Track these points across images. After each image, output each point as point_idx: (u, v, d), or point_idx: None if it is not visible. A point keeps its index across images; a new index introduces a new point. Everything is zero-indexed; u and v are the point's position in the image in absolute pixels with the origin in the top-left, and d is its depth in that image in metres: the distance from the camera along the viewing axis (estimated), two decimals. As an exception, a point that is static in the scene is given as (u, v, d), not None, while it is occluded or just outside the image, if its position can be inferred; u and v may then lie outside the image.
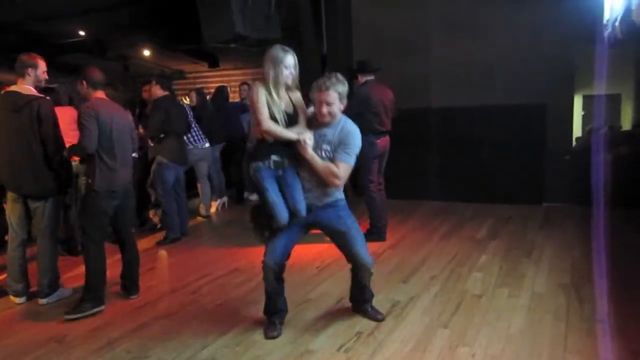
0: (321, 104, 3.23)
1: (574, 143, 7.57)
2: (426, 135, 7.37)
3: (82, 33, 8.95)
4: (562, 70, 6.59)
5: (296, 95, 3.35)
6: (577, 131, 8.38)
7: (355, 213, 3.56)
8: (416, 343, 3.22)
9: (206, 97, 7.57)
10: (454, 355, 3.07)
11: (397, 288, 4.16)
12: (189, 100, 7.79)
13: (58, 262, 4.23)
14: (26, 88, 3.95)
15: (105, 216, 3.94)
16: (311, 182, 3.32)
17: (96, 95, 3.95)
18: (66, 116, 4.59)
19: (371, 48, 6.87)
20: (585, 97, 8.82)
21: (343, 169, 3.26)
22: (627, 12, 3.97)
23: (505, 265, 4.58)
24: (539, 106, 6.74)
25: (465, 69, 6.92)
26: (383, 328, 3.45)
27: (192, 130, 6.41)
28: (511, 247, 5.08)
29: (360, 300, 3.65)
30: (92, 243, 3.87)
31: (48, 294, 4.09)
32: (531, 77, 6.68)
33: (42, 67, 4.03)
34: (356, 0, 7.50)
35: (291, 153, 3.28)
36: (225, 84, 8.46)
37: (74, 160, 4.51)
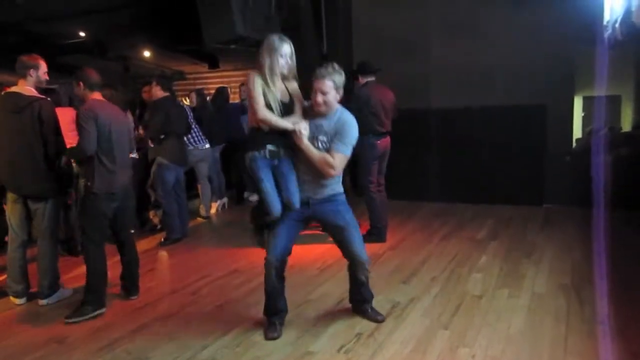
0: (316, 93, 3.22)
1: (574, 144, 7.58)
2: (426, 136, 7.37)
3: (83, 34, 8.95)
4: (562, 71, 6.60)
5: (293, 85, 3.33)
6: (577, 132, 8.38)
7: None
8: (416, 344, 3.22)
9: (206, 98, 7.58)
10: (454, 356, 3.07)
11: (398, 289, 4.16)
12: (189, 101, 7.79)
13: (58, 263, 4.22)
14: (27, 89, 3.95)
15: (104, 218, 3.93)
16: (309, 174, 3.31)
17: (93, 96, 3.92)
18: (66, 117, 4.57)
19: (371, 48, 6.88)
20: (585, 99, 8.83)
21: (339, 159, 3.24)
22: (627, 14, 3.97)
23: (505, 266, 4.58)
24: (539, 107, 6.74)
25: (465, 70, 6.92)
26: (383, 329, 3.45)
27: (192, 131, 6.41)
28: (511, 248, 5.08)
29: (359, 300, 3.65)
30: (92, 245, 3.87)
31: (48, 295, 4.09)
32: (531, 78, 6.68)
33: (43, 68, 4.03)
34: (356, 0, 7.51)
35: (287, 143, 3.27)
36: (225, 85, 8.46)
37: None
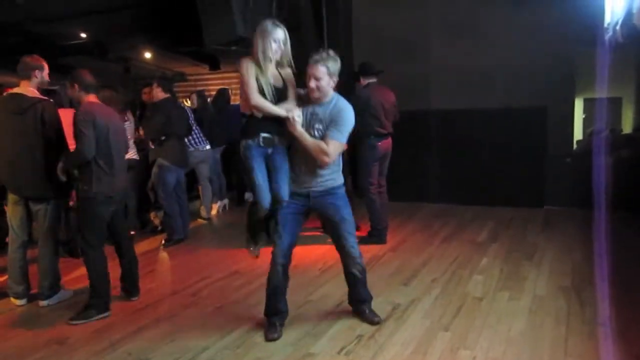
0: (310, 78, 3.21)
1: (575, 146, 7.58)
2: (426, 137, 7.37)
3: (83, 35, 8.94)
4: (563, 73, 6.60)
5: (286, 71, 3.31)
6: (578, 134, 8.39)
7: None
8: (417, 346, 3.22)
9: (207, 100, 7.58)
10: (455, 358, 3.07)
11: (398, 291, 4.16)
12: (190, 102, 7.79)
13: (59, 264, 4.22)
14: (30, 90, 3.94)
15: (103, 222, 3.88)
16: (305, 164, 3.30)
17: (89, 99, 3.85)
18: (67, 118, 4.55)
19: (372, 49, 6.88)
20: (586, 100, 8.83)
21: (333, 146, 3.22)
22: (628, 16, 3.97)
23: (506, 268, 4.58)
24: (540, 109, 6.74)
25: (465, 71, 6.92)
26: (384, 331, 3.45)
27: (193, 132, 6.41)
28: (512, 250, 5.08)
29: (357, 300, 3.64)
30: (92, 249, 3.82)
31: (49, 296, 4.09)
32: (532, 80, 6.68)
33: (46, 69, 4.04)
34: (357, 2, 7.51)
35: (281, 130, 3.26)
36: (226, 87, 8.46)
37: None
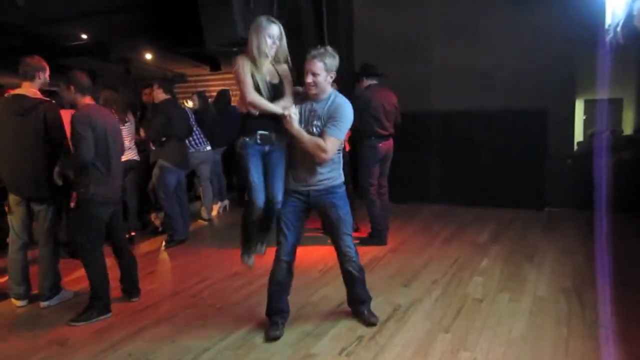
0: (307, 74, 3.21)
1: (576, 147, 7.57)
2: (427, 138, 7.37)
3: (84, 36, 8.96)
4: (564, 74, 6.59)
5: (283, 67, 3.30)
6: (579, 136, 8.38)
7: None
8: (417, 347, 3.22)
9: (208, 100, 7.57)
10: (456, 359, 3.07)
11: (399, 292, 4.16)
12: (192, 103, 7.80)
13: (59, 265, 4.22)
14: (33, 91, 3.93)
15: (101, 224, 3.85)
16: (304, 162, 3.30)
17: (85, 100, 3.80)
18: (68, 119, 4.58)
19: (372, 51, 6.88)
20: (586, 102, 8.83)
21: (330, 143, 3.21)
22: (629, 17, 3.96)
23: (506, 269, 4.58)
24: (541, 110, 6.74)
25: (466, 73, 6.93)
26: (384, 332, 3.44)
27: (194, 133, 6.41)
28: (513, 252, 5.08)
29: (356, 301, 3.64)
30: (90, 250, 3.80)
31: (49, 297, 4.09)
32: (532, 82, 6.68)
33: (47, 71, 4.04)
34: (358, 4, 7.52)
35: (278, 127, 3.26)
36: (227, 87, 8.46)
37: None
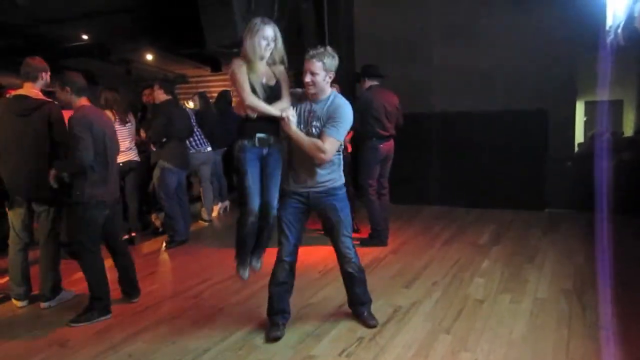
0: (305, 73, 3.20)
1: (576, 149, 7.57)
2: (427, 139, 7.38)
3: (85, 37, 8.95)
4: (564, 76, 6.60)
5: (279, 68, 3.30)
6: (579, 137, 8.37)
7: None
8: (418, 348, 3.22)
9: (209, 101, 7.57)
10: (456, 360, 3.07)
11: (399, 293, 4.16)
12: (193, 104, 7.80)
13: (60, 266, 4.21)
14: (35, 92, 3.93)
15: (97, 225, 3.83)
16: (304, 163, 3.29)
17: (81, 102, 3.73)
18: (69, 120, 4.58)
19: (373, 52, 6.88)
20: (587, 103, 8.82)
21: (329, 144, 3.19)
22: (630, 19, 3.97)
23: (507, 270, 4.58)
24: (541, 112, 6.75)
25: (466, 74, 6.94)
26: (385, 333, 3.44)
27: (195, 134, 6.42)
28: (513, 253, 5.08)
29: (356, 302, 3.64)
30: (88, 252, 3.79)
31: (50, 298, 4.09)
32: (533, 83, 6.69)
33: (49, 71, 4.04)
34: (358, 4, 7.52)
35: (277, 130, 3.26)
36: (228, 88, 8.46)
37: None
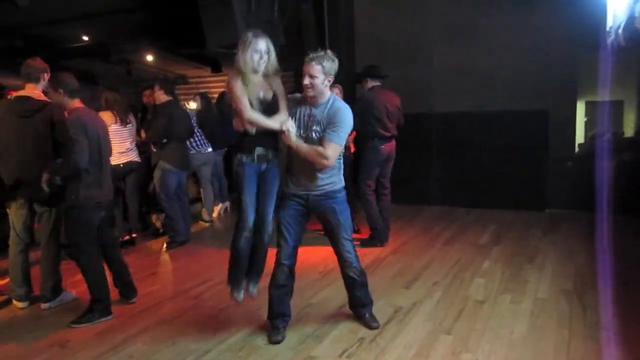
0: (304, 76, 3.19)
1: (577, 149, 7.57)
2: (428, 140, 7.38)
3: (86, 37, 8.96)
4: (565, 76, 6.60)
5: (276, 81, 3.30)
6: (580, 137, 8.37)
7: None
8: (419, 349, 3.22)
9: (211, 102, 7.56)
10: (457, 361, 3.07)
11: (400, 293, 4.16)
12: (195, 104, 7.80)
13: (61, 267, 4.21)
14: (37, 93, 3.93)
15: (93, 227, 3.82)
16: (304, 168, 3.29)
17: (75, 104, 3.69)
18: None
19: (374, 53, 6.88)
20: (587, 104, 8.81)
21: (331, 149, 3.18)
22: (630, 20, 3.96)
23: (508, 271, 4.58)
24: (542, 112, 6.75)
25: (466, 74, 6.94)
26: (386, 334, 3.44)
27: (195, 135, 6.42)
28: (514, 253, 5.08)
29: (357, 304, 3.63)
30: (85, 254, 3.78)
31: (50, 299, 4.09)
32: (534, 84, 6.69)
33: (49, 72, 4.04)
34: (358, 4, 7.52)
35: (275, 144, 3.27)
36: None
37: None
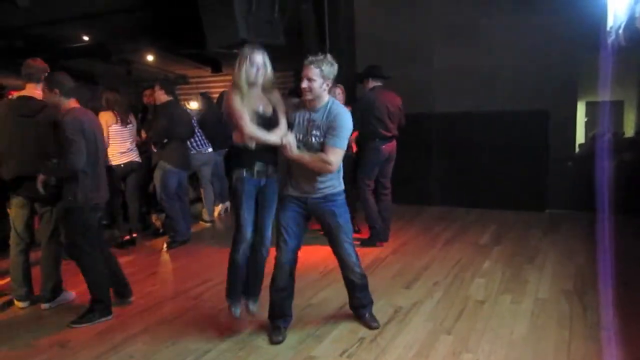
0: (303, 79, 3.20)
1: (577, 149, 7.57)
2: (428, 140, 7.38)
3: (86, 37, 8.96)
4: (565, 76, 6.59)
5: (274, 95, 3.31)
6: (580, 137, 8.38)
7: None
8: (419, 349, 3.22)
9: (212, 101, 7.56)
10: (457, 361, 3.07)
11: (400, 294, 4.16)
12: (196, 104, 7.80)
13: (61, 267, 4.20)
14: (38, 93, 3.91)
15: (94, 228, 3.83)
16: (304, 173, 3.29)
17: (71, 104, 3.65)
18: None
19: (373, 53, 6.88)
20: (588, 104, 8.83)
21: (333, 154, 3.18)
22: (631, 20, 3.96)
23: (508, 271, 4.57)
24: (542, 112, 6.74)
25: (467, 74, 6.94)
26: (386, 334, 3.44)
27: (196, 135, 6.42)
28: (514, 254, 5.08)
29: (357, 305, 3.64)
30: (85, 254, 3.76)
31: (51, 299, 4.09)
32: (534, 83, 6.68)
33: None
34: (359, 6, 7.52)
35: (275, 159, 3.30)
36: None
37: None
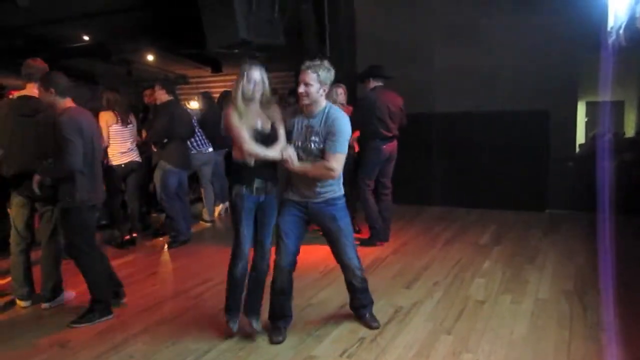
0: (300, 83, 3.21)
1: (577, 149, 7.57)
2: (428, 140, 7.38)
3: (86, 37, 8.97)
4: (566, 77, 6.59)
5: (272, 110, 3.31)
6: (581, 138, 8.38)
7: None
8: (419, 349, 3.22)
9: (213, 101, 7.56)
10: (458, 361, 3.07)
11: (400, 294, 4.16)
12: (197, 104, 7.80)
13: (61, 267, 4.20)
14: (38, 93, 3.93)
15: (92, 228, 3.80)
16: (304, 178, 3.29)
17: (67, 104, 3.61)
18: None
19: (374, 53, 6.88)
20: (588, 104, 8.83)
21: (336, 160, 3.20)
22: (632, 20, 3.96)
23: (508, 271, 4.58)
24: (542, 112, 6.75)
25: (467, 74, 6.94)
26: (386, 334, 3.44)
27: (196, 135, 6.42)
28: (514, 254, 5.08)
29: (358, 305, 3.64)
30: (85, 255, 3.76)
31: (51, 299, 4.08)
32: (534, 83, 6.68)
33: None
34: (359, 6, 7.52)
35: (274, 175, 3.33)
36: (229, 89, 8.45)
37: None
